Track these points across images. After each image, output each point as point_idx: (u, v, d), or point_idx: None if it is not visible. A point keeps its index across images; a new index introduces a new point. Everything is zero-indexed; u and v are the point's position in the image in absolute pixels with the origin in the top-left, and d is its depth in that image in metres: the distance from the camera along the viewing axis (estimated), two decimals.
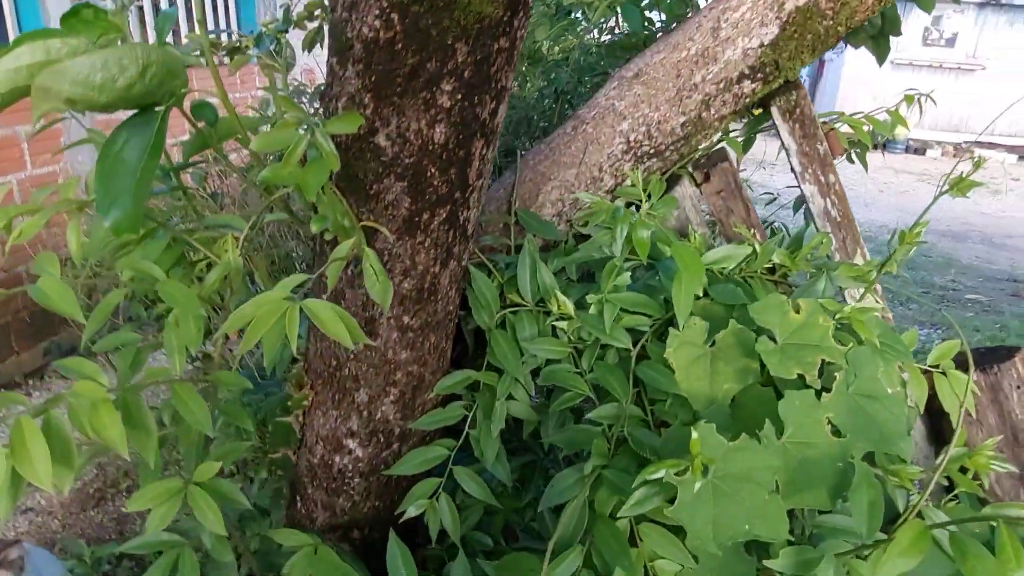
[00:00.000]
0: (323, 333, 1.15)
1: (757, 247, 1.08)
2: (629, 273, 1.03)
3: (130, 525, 2.56)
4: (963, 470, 1.05)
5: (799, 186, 1.22)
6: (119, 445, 0.82)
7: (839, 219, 1.19)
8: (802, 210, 1.53)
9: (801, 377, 0.93)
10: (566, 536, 0.90)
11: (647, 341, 1.06)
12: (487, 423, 1.14)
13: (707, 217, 1.20)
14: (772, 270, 1.15)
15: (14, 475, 0.80)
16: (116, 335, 1.01)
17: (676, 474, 0.81)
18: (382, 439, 1.21)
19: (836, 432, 0.89)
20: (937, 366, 1.13)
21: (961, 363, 1.15)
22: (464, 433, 1.19)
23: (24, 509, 2.46)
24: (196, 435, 1.03)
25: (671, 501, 0.89)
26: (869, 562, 0.76)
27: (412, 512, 1.16)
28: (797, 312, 0.95)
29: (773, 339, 0.94)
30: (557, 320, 1.09)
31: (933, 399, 1.11)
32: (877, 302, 1.07)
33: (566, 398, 1.07)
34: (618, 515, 0.87)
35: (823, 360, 0.93)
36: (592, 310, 1.07)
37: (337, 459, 1.24)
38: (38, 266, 0.87)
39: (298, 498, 1.36)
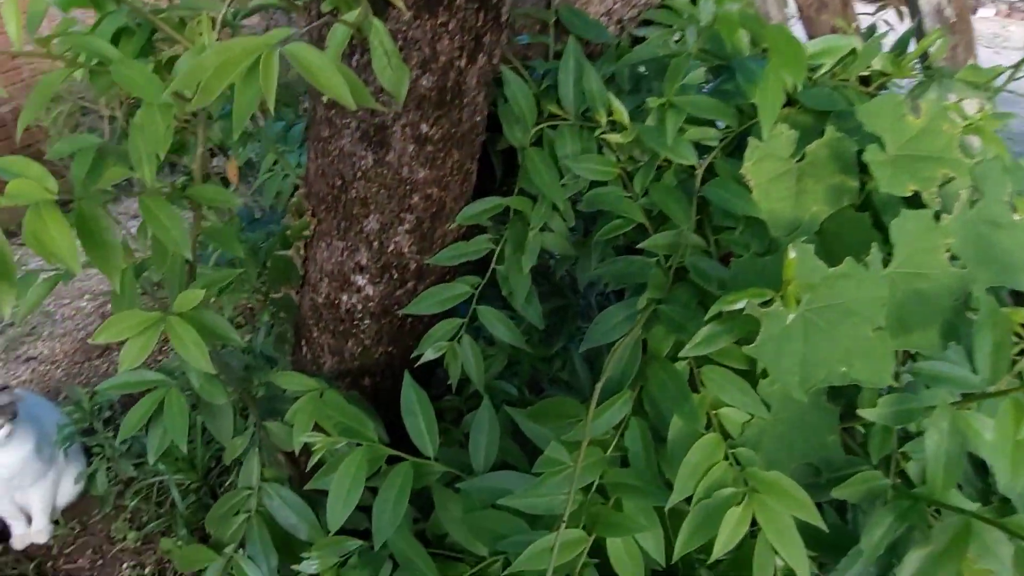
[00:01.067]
0: (325, 146, 0.97)
1: (857, 45, 0.87)
2: (704, 69, 0.83)
3: None
4: None
5: None
6: (68, 258, 0.66)
7: (953, 20, 0.97)
8: None
9: (914, 197, 0.75)
10: (614, 379, 0.76)
11: (715, 158, 0.87)
12: (517, 257, 0.98)
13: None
14: (865, 81, 0.95)
15: None
16: (73, 138, 0.84)
17: (761, 305, 0.65)
18: (395, 275, 1.06)
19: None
20: None
21: None
22: (490, 270, 1.04)
23: (26, 358, 2.39)
24: (176, 261, 0.88)
25: (740, 343, 0.75)
26: (1000, 412, 0.61)
27: (430, 355, 1.02)
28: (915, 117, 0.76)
29: (883, 148, 0.75)
30: (606, 132, 0.90)
31: None
32: None
33: (614, 226, 0.90)
34: (679, 356, 0.73)
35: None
36: (650, 120, 0.88)
37: (344, 298, 1.10)
38: None
39: (303, 342, 1.24)
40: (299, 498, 1.01)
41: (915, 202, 0.79)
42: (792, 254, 0.62)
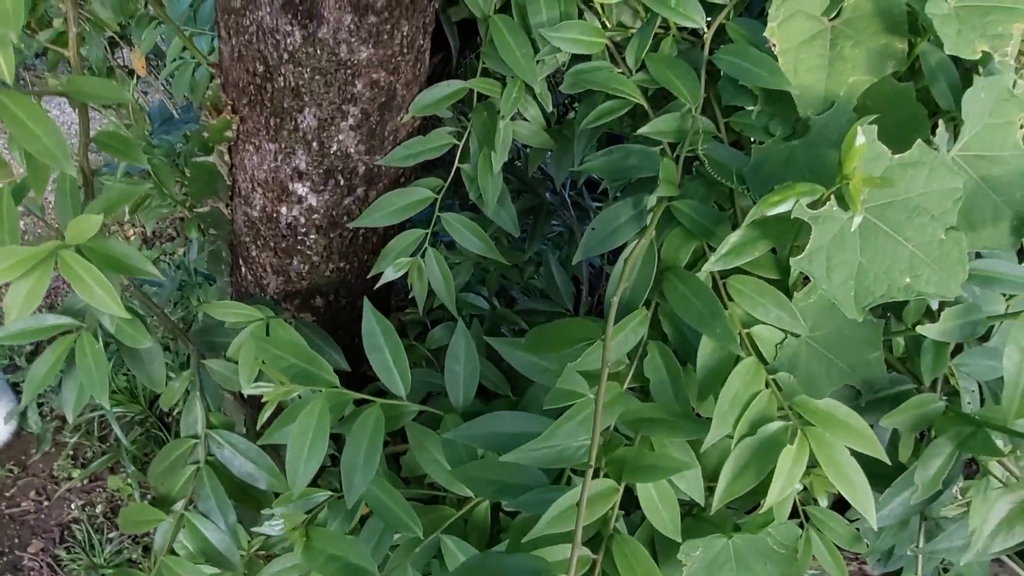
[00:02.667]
0: (239, 20, 0.77)
1: None
2: None
3: None
4: None
5: None
6: None
7: None
8: None
9: (980, 63, 0.62)
10: (624, 295, 0.64)
11: (727, 18, 0.72)
12: (486, 152, 0.83)
13: None
14: None
15: None
16: None
17: (811, 205, 0.52)
18: (342, 181, 0.90)
19: None
20: None
21: None
22: (453, 170, 0.88)
23: None
24: (64, 178, 0.70)
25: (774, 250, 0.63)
26: None
27: (391, 274, 0.88)
28: None
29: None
30: None
31: None
32: None
33: (604, 109, 0.74)
34: (705, 267, 0.60)
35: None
36: None
37: (284, 211, 0.94)
38: None
39: (241, 261, 1.07)
40: (253, 444, 0.88)
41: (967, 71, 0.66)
42: (860, 138, 0.48)
